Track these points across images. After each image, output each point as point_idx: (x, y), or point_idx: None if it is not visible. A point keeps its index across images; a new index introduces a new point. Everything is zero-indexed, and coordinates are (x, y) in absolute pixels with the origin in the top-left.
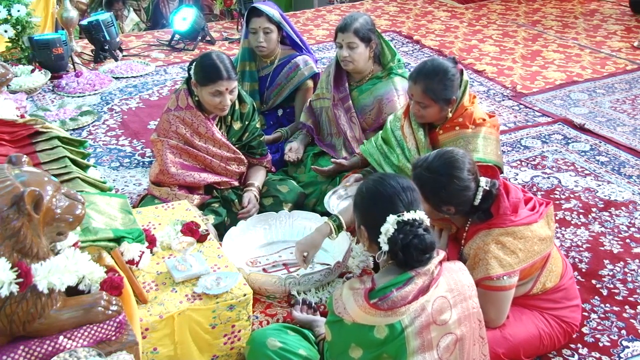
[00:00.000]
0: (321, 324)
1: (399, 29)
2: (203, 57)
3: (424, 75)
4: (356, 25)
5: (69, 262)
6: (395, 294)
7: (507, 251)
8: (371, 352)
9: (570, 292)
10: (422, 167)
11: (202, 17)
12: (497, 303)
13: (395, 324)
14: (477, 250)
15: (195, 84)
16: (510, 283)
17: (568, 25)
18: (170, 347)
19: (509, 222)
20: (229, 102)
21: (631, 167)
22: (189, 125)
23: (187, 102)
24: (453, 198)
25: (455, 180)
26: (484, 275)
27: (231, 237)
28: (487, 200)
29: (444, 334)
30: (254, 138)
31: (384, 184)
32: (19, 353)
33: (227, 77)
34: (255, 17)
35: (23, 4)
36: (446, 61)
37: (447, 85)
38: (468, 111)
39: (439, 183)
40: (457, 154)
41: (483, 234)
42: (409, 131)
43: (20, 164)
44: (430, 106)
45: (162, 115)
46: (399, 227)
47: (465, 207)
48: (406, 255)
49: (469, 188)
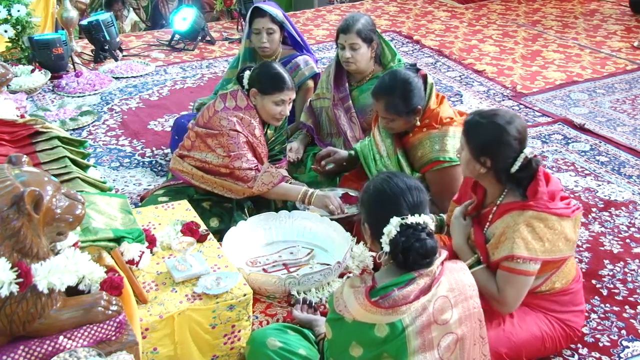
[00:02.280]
0: (321, 323)
1: (399, 29)
2: (266, 66)
3: (384, 92)
4: (358, 26)
5: (69, 262)
6: (397, 293)
7: (536, 236)
8: (371, 350)
9: (577, 297)
10: (474, 114)
11: (202, 17)
12: (517, 286)
13: (396, 322)
14: (506, 229)
15: (255, 92)
16: (532, 269)
17: (568, 25)
18: (170, 347)
19: (543, 207)
20: (288, 112)
21: (631, 167)
22: (246, 125)
23: (247, 103)
24: (493, 149)
25: (501, 130)
26: (507, 253)
27: (231, 237)
28: (525, 170)
29: (444, 333)
30: (278, 144)
31: (391, 183)
32: (19, 353)
33: (292, 87)
34: (259, 18)
35: (23, 4)
36: (406, 72)
37: (408, 97)
38: (434, 112)
39: (486, 129)
40: (509, 112)
41: (516, 213)
42: (379, 138)
43: (20, 164)
44: (396, 120)
45: (218, 113)
46: (401, 230)
47: (501, 167)
48: (406, 259)
49: (511, 146)
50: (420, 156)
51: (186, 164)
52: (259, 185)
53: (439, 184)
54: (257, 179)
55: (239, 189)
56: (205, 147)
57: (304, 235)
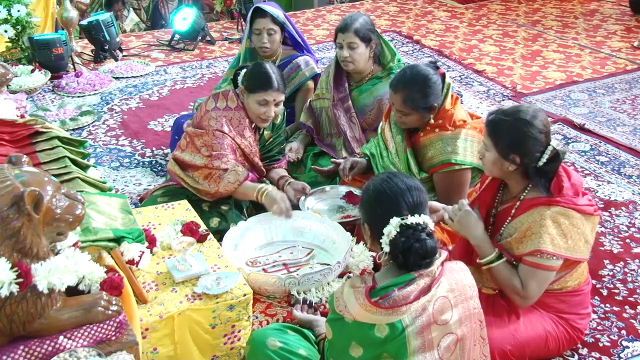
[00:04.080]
0: (321, 323)
1: (399, 29)
2: (257, 64)
3: (404, 85)
4: (356, 26)
5: (69, 262)
6: (397, 293)
7: (560, 232)
8: (371, 351)
9: (585, 299)
10: (498, 113)
11: (202, 17)
12: (540, 280)
13: (396, 323)
14: (532, 224)
15: (243, 90)
16: (556, 264)
17: (568, 25)
18: (170, 347)
19: (570, 202)
20: (272, 114)
21: (631, 167)
22: (235, 126)
23: (237, 103)
24: (523, 146)
25: (527, 126)
26: (535, 247)
27: (231, 237)
28: (552, 163)
29: (444, 334)
30: (276, 145)
31: (390, 183)
32: (19, 353)
33: (277, 89)
34: (260, 18)
35: (23, 4)
36: (427, 68)
37: (427, 93)
38: (449, 113)
39: (511, 127)
40: (532, 107)
41: (542, 209)
42: (389, 135)
43: (20, 164)
44: (411, 114)
45: (208, 113)
46: (401, 230)
47: (530, 161)
48: (406, 259)
49: (538, 140)
50: (431, 157)
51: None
52: (225, 184)
53: (447, 185)
54: (223, 178)
55: (208, 190)
56: (194, 149)
57: (304, 235)
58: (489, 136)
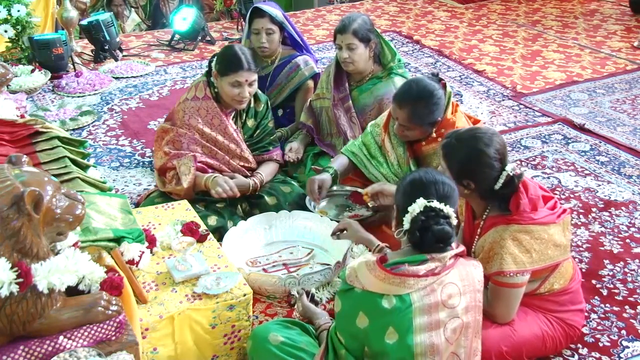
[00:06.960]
0: (322, 316)
1: (399, 29)
2: (226, 47)
3: (410, 101)
4: (355, 26)
5: (69, 262)
6: (407, 267)
7: (523, 249)
8: (377, 321)
9: (576, 296)
10: (452, 137)
11: (202, 17)
12: (506, 299)
13: (404, 296)
14: (493, 244)
15: (216, 74)
16: (522, 281)
17: (568, 25)
18: (170, 347)
19: (528, 219)
20: (247, 94)
21: (631, 167)
22: (203, 116)
23: (204, 93)
24: (475, 172)
25: (481, 153)
26: (497, 269)
27: (231, 237)
28: (508, 187)
29: (452, 317)
30: (265, 135)
31: (428, 174)
32: (19, 353)
33: (248, 69)
34: (259, 18)
35: (23, 4)
36: (431, 82)
37: (433, 109)
38: (450, 122)
39: (464, 153)
40: (487, 131)
41: (501, 228)
42: (389, 146)
43: (20, 164)
44: (414, 129)
45: (178, 105)
46: (424, 210)
47: (485, 187)
48: (422, 237)
49: (493, 167)
50: (436, 167)
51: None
52: (184, 179)
53: None
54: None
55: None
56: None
57: (304, 235)
58: (443, 159)
